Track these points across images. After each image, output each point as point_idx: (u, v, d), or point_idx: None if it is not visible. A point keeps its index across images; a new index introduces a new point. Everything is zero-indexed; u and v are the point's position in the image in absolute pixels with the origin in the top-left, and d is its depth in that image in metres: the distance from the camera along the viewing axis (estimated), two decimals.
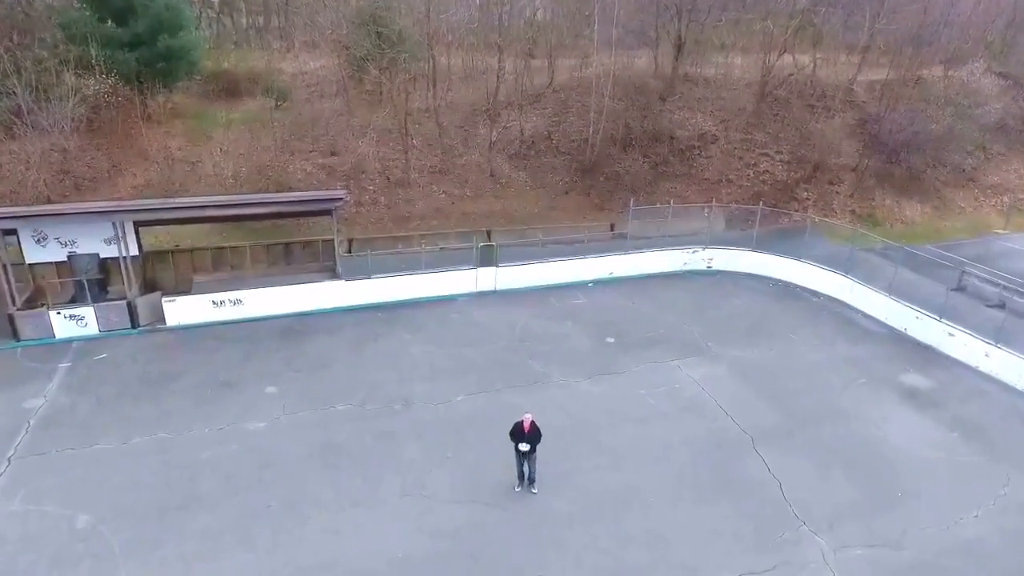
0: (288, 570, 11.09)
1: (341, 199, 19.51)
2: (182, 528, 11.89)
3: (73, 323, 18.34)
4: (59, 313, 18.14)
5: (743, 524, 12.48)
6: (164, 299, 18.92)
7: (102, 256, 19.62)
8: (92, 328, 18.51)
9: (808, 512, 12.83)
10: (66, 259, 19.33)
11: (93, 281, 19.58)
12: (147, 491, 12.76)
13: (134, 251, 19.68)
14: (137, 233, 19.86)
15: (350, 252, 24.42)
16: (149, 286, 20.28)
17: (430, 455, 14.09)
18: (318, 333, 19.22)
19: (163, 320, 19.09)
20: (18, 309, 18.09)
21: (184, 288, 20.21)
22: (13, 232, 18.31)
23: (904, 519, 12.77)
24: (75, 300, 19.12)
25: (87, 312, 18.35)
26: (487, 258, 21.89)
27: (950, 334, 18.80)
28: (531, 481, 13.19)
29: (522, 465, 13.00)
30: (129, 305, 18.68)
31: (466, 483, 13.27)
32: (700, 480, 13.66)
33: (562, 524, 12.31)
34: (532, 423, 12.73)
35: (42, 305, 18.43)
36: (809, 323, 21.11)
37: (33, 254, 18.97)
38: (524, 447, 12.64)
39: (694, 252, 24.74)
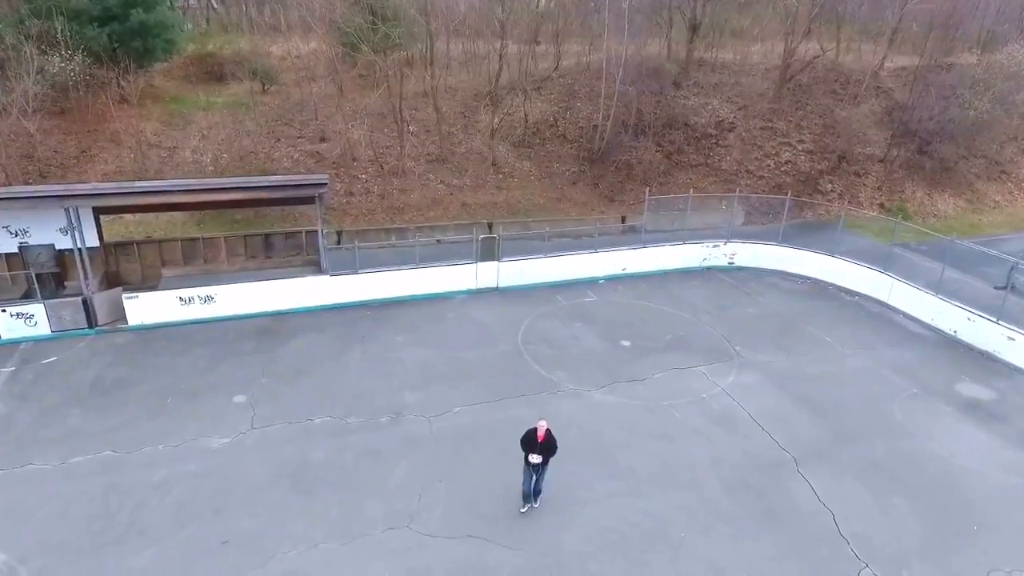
0: None
1: (325, 184, 17.41)
2: (117, 568, 9.83)
3: (21, 322, 16.29)
4: (4, 311, 16.08)
5: (793, 566, 10.39)
6: (125, 295, 16.85)
7: (58, 247, 17.63)
8: (43, 328, 16.46)
9: (870, 550, 10.75)
10: (17, 250, 17.35)
11: (48, 275, 17.62)
12: (82, 522, 10.71)
13: (93, 242, 17.65)
14: (98, 222, 17.82)
15: (339, 245, 22.40)
16: (112, 281, 18.22)
17: (421, 477, 12.02)
18: (298, 335, 17.16)
19: (124, 319, 17.04)
20: None
21: (151, 284, 18.17)
22: None
23: (986, 559, 10.67)
24: (28, 296, 17.09)
25: (37, 310, 16.30)
26: (488, 252, 19.80)
27: (1010, 338, 16.68)
28: (536, 493, 11.25)
29: (530, 480, 11.05)
30: (85, 302, 16.62)
31: (463, 512, 11.20)
32: (738, 510, 11.57)
33: (575, 566, 10.23)
34: (547, 432, 10.74)
35: None
36: (845, 324, 19.01)
37: None
38: (536, 459, 10.65)
39: (715, 247, 22.64)
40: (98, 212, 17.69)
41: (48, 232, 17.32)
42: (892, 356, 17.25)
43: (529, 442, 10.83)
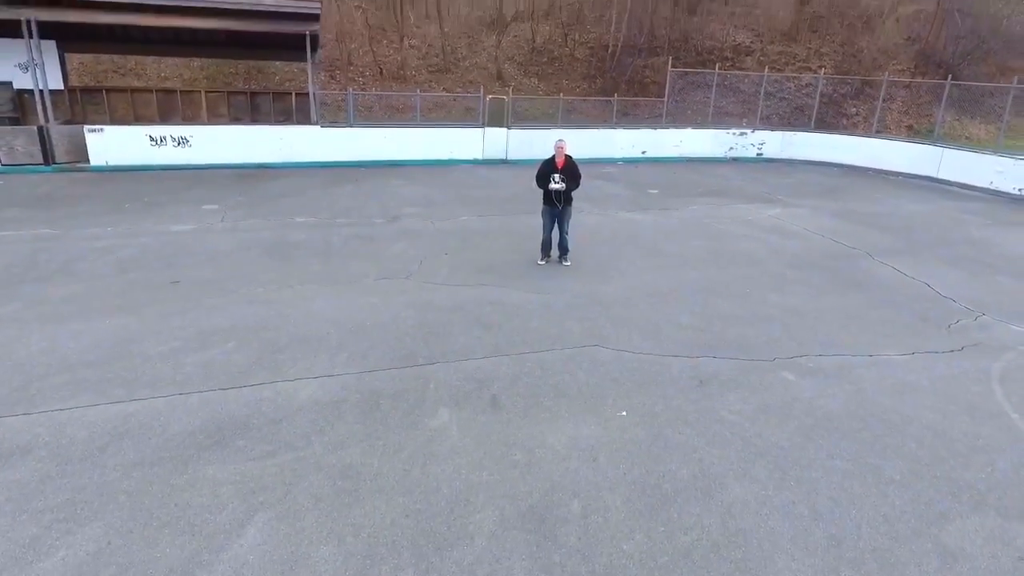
0: (186, 331, 6.81)
1: (316, 17, 15.67)
2: (32, 297, 7.64)
3: None
4: None
5: (892, 312, 8.22)
6: (87, 128, 14.90)
7: (17, 88, 15.78)
8: None
9: (983, 306, 8.59)
10: None
11: (5, 120, 15.72)
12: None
13: (57, 83, 15.82)
14: (63, 60, 16.02)
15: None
16: None
17: (423, 250, 9.93)
18: (283, 178, 15.20)
19: (86, 158, 15.05)
20: None
21: None
22: None
23: None
24: None
25: None
26: (497, 116, 17.97)
27: None
28: (563, 251, 9.23)
29: (552, 224, 9.02)
30: (41, 132, 14.65)
31: (475, 271, 9.08)
32: (812, 277, 9.45)
33: (619, 303, 8.07)
34: (568, 157, 8.79)
35: None
36: (896, 189, 17.12)
37: None
38: (557, 183, 8.70)
39: (741, 134, 20.86)
40: (63, 49, 15.91)
41: (5, 67, 15.50)
42: (954, 205, 15.29)
43: (547, 173, 8.92)
